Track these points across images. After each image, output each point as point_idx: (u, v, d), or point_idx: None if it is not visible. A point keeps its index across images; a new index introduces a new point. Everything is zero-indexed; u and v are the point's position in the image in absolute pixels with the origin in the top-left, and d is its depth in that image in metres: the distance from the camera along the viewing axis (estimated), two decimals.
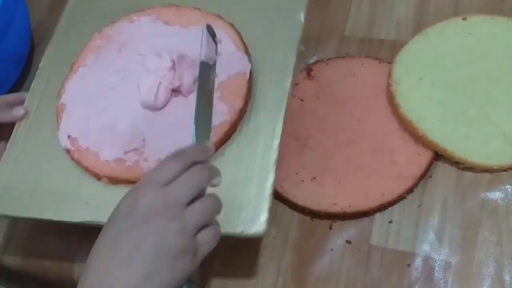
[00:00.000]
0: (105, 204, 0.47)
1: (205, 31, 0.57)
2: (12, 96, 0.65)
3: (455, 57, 0.65)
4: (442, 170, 0.60)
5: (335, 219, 0.60)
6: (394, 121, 0.63)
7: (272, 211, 0.52)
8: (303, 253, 0.59)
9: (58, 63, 0.65)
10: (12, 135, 0.62)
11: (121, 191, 0.46)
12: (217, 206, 0.47)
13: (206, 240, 0.45)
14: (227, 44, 0.60)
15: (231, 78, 0.58)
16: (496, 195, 0.58)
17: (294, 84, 0.68)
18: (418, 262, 0.56)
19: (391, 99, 0.63)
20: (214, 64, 0.57)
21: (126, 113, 0.59)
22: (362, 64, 0.68)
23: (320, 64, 0.70)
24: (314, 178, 0.61)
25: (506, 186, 0.58)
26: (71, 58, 0.64)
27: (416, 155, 0.60)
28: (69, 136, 0.59)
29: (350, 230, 0.59)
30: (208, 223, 0.45)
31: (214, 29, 0.58)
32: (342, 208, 0.59)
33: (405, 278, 0.55)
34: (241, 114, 0.56)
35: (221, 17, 0.62)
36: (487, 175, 0.59)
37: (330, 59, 0.70)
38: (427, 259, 0.56)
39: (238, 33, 0.61)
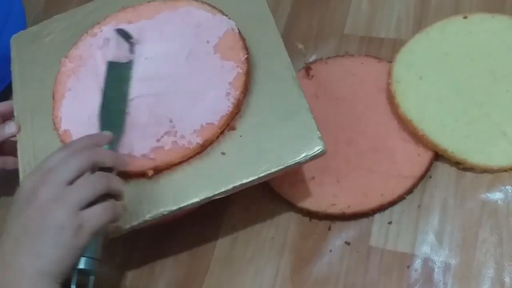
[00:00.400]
0: (155, 198, 0.53)
1: (113, 34, 0.62)
2: (3, 106, 0.64)
3: (456, 56, 0.64)
4: (442, 170, 0.60)
5: (334, 220, 0.59)
6: (394, 120, 0.62)
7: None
8: (302, 254, 0.58)
9: (33, 105, 0.64)
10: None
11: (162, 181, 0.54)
12: (102, 181, 0.47)
13: (92, 215, 0.46)
14: (200, 14, 0.62)
15: (222, 38, 0.60)
16: (496, 195, 0.57)
17: None
18: (417, 263, 0.55)
19: (391, 98, 0.63)
20: (130, 62, 0.60)
21: (139, 107, 0.58)
22: (361, 63, 0.67)
23: (319, 63, 0.69)
24: (313, 178, 0.61)
25: (507, 187, 0.58)
26: (44, 94, 0.64)
27: (416, 155, 0.60)
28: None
29: (349, 231, 0.58)
30: (94, 199, 0.46)
31: (178, 8, 0.62)
32: (341, 209, 0.58)
33: (404, 280, 0.55)
34: (249, 64, 0.58)
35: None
36: (487, 176, 0.58)
37: (330, 58, 0.69)
38: (426, 261, 0.55)
39: (204, 3, 0.63)
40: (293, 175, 0.61)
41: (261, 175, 0.53)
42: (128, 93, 0.59)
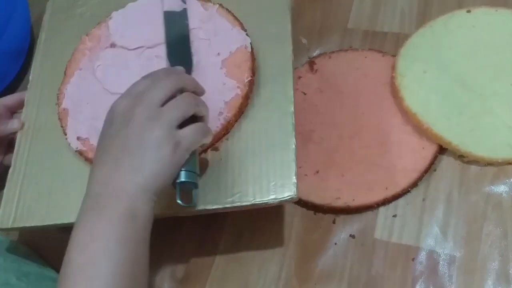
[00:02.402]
0: None
1: None
2: (10, 99, 0.65)
3: (460, 50, 0.64)
4: (447, 163, 0.60)
5: (338, 213, 0.59)
6: (398, 114, 0.62)
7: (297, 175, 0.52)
8: (307, 248, 0.58)
9: (48, 74, 0.65)
10: (15, 149, 0.62)
11: None
12: (191, 101, 0.49)
13: (188, 133, 0.48)
14: (221, 23, 0.61)
15: (233, 54, 0.58)
16: (501, 188, 0.57)
17: (297, 77, 0.68)
18: (422, 256, 0.55)
19: (395, 92, 0.63)
20: (184, 10, 0.62)
21: None
22: (365, 57, 0.67)
23: (323, 57, 0.69)
24: (318, 172, 0.61)
25: (511, 180, 0.58)
26: (60, 67, 0.64)
27: (420, 148, 0.60)
28: (78, 138, 0.59)
29: (353, 224, 0.59)
30: (187, 117, 0.48)
31: (204, 11, 0.61)
32: (345, 202, 0.59)
33: (409, 272, 0.55)
34: (251, 87, 0.57)
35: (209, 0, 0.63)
36: (492, 169, 0.58)
37: (333, 52, 0.69)
38: (431, 253, 0.55)
39: (229, 11, 0.61)
40: (297, 169, 0.61)
41: (227, 206, 0.53)
42: (189, 37, 0.61)
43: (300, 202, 0.60)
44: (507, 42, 0.64)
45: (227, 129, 0.56)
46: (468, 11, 0.66)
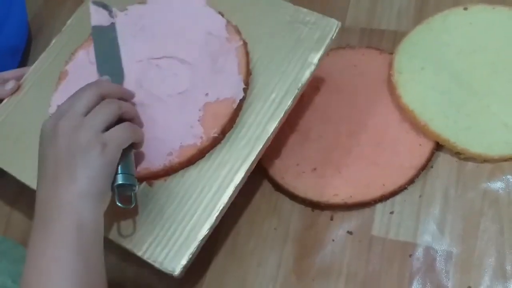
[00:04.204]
0: None
1: (92, 6, 0.65)
2: (10, 73, 0.67)
3: (457, 47, 0.64)
4: (443, 160, 0.60)
5: (336, 210, 0.60)
6: (396, 111, 0.62)
7: (193, 258, 0.53)
8: (304, 245, 0.59)
9: (69, 45, 0.67)
10: (5, 100, 0.65)
11: None
12: (113, 106, 0.51)
13: (114, 134, 0.49)
14: (231, 63, 0.58)
15: (219, 101, 0.57)
16: (497, 185, 0.58)
17: None
18: (419, 252, 0.56)
19: (392, 89, 0.63)
20: (112, 25, 0.64)
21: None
22: (363, 54, 0.67)
23: None
24: (315, 169, 0.61)
25: (508, 176, 0.58)
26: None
27: (417, 145, 0.60)
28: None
29: (351, 221, 0.59)
30: (112, 121, 0.50)
31: (226, 42, 0.59)
32: (343, 199, 0.59)
33: (406, 269, 0.55)
34: (214, 143, 0.56)
35: (239, 32, 0.61)
36: (488, 165, 0.59)
37: (331, 49, 0.69)
38: (428, 250, 0.56)
39: (247, 55, 0.59)
40: (294, 166, 0.62)
41: (123, 244, 0.55)
42: (119, 49, 0.62)
43: (297, 199, 0.61)
44: (504, 40, 0.64)
45: (167, 173, 0.56)
46: (465, 9, 0.67)
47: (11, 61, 0.78)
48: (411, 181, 0.59)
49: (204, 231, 0.53)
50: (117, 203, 0.50)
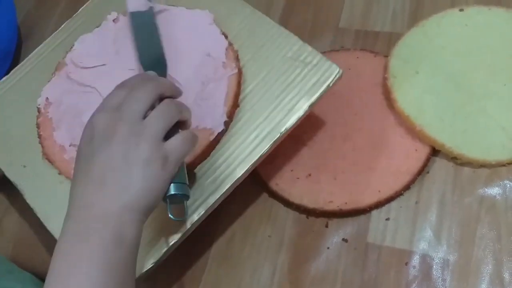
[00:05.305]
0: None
1: None
2: None
3: (452, 49, 0.63)
4: (440, 165, 0.59)
5: (331, 217, 0.59)
6: (391, 116, 0.61)
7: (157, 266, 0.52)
8: (299, 252, 0.58)
9: (78, 32, 0.66)
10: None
11: None
12: (174, 109, 0.47)
13: (176, 145, 0.46)
14: (220, 92, 0.56)
15: (197, 130, 0.55)
16: (494, 190, 0.57)
17: None
18: (415, 260, 0.55)
19: (387, 93, 0.62)
20: (150, 9, 0.60)
21: None
22: (357, 57, 0.66)
23: None
24: (310, 175, 0.60)
25: (505, 181, 0.57)
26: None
27: (413, 150, 0.59)
28: (47, 99, 0.60)
29: (346, 228, 0.58)
30: (171, 128, 0.46)
31: (220, 68, 0.57)
32: (338, 206, 0.58)
33: (402, 277, 0.54)
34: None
35: (237, 58, 0.59)
36: (485, 170, 0.58)
37: (325, 52, 0.68)
38: (425, 257, 0.55)
39: (239, 85, 0.57)
40: (289, 172, 0.61)
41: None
42: (160, 37, 0.58)
43: (292, 206, 0.60)
44: (500, 41, 0.64)
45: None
46: (461, 10, 0.66)
47: (1, 65, 0.77)
48: (407, 187, 0.58)
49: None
50: (169, 215, 0.47)
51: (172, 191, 0.46)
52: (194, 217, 0.53)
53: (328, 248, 0.57)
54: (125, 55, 0.61)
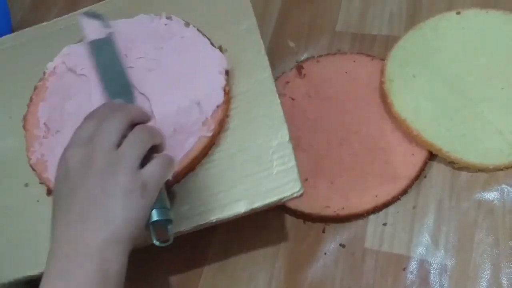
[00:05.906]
0: None
1: (82, 18, 0.59)
2: None
3: (450, 53, 0.63)
4: (437, 170, 0.59)
5: (328, 222, 0.58)
6: (388, 120, 0.61)
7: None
8: (296, 258, 0.57)
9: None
10: None
11: None
12: (147, 135, 0.46)
13: (153, 172, 0.45)
14: (181, 149, 0.53)
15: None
16: (492, 195, 0.57)
17: (285, 82, 0.66)
18: (413, 265, 0.54)
19: (384, 97, 0.62)
20: (110, 34, 0.58)
21: None
22: (354, 61, 0.66)
23: (311, 61, 0.68)
24: (306, 180, 0.60)
25: (503, 186, 0.57)
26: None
27: (410, 155, 0.59)
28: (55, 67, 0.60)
29: (343, 233, 0.58)
30: (146, 153, 0.45)
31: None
32: (335, 211, 0.58)
33: (400, 282, 0.54)
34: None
35: (223, 120, 0.55)
36: (483, 175, 0.58)
37: (322, 56, 0.68)
38: (422, 262, 0.54)
39: (206, 149, 0.54)
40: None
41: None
42: (123, 64, 0.57)
43: (288, 211, 0.59)
44: (497, 44, 0.63)
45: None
46: (458, 13, 0.65)
47: None
48: (404, 192, 0.58)
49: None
50: (154, 241, 0.46)
51: (154, 218, 0.46)
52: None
53: (325, 253, 0.57)
54: None
